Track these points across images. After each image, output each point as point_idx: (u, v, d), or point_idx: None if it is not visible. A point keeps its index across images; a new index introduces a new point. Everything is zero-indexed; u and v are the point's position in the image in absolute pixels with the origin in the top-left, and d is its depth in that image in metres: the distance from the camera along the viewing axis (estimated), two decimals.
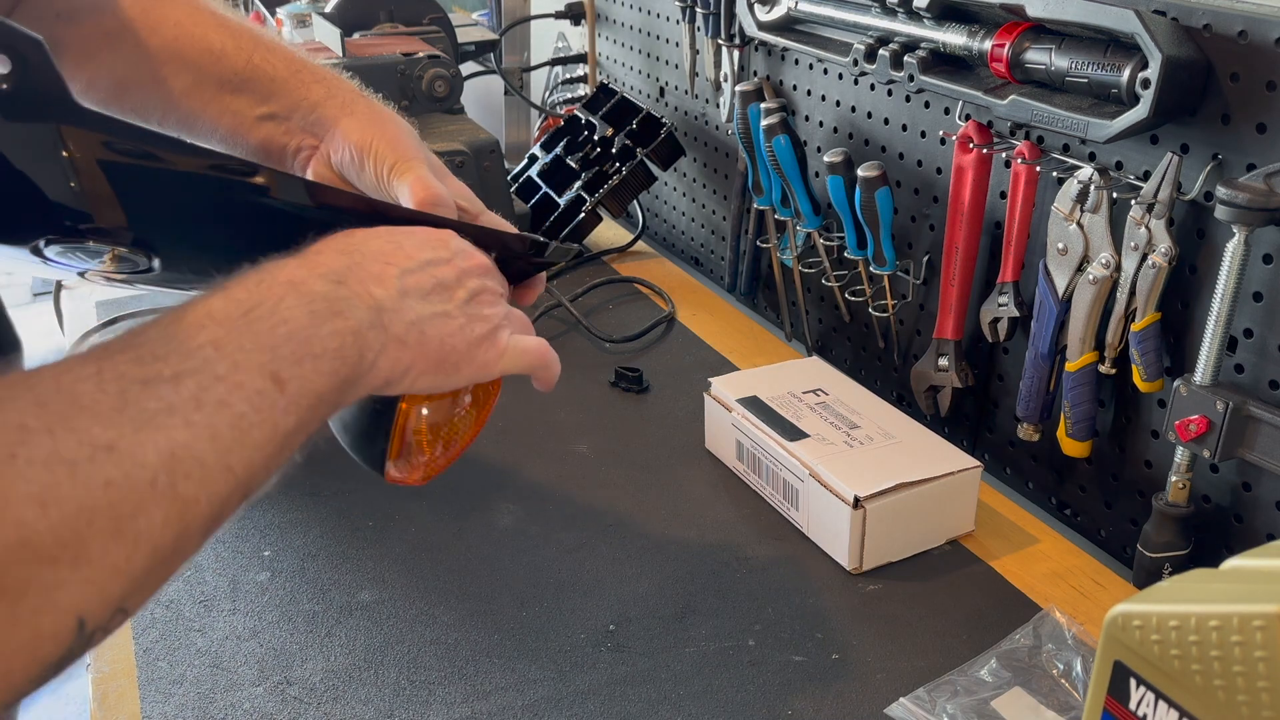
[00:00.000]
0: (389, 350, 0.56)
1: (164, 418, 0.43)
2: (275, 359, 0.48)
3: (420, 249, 0.60)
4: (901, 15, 0.97)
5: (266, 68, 0.72)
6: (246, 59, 0.71)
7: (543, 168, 1.54)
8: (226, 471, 0.45)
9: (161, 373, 0.44)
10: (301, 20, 1.73)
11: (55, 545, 0.38)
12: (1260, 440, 0.77)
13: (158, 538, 0.42)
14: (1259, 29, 0.74)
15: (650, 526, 0.94)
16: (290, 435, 0.49)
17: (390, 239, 0.59)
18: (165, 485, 0.42)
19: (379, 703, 0.75)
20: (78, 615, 0.39)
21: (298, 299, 0.51)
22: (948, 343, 1.05)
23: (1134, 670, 0.52)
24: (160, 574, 0.43)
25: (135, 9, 0.70)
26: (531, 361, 0.64)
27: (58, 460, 0.39)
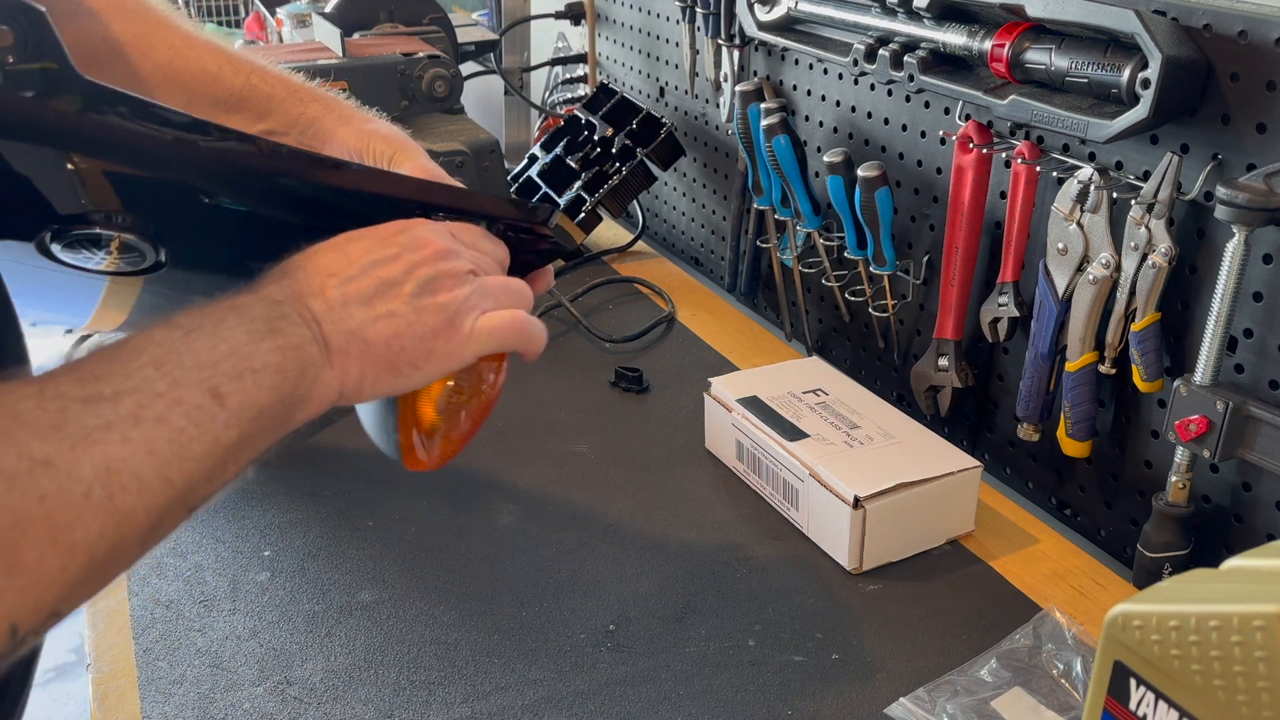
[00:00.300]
0: (334, 362, 0.56)
1: (101, 433, 0.44)
2: (214, 375, 0.49)
3: (367, 252, 0.59)
4: (901, 15, 0.97)
5: (264, 88, 0.72)
6: (244, 80, 0.72)
7: (543, 168, 1.54)
8: (165, 484, 0.46)
9: (101, 391, 0.45)
10: (301, 20, 1.73)
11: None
12: (1260, 440, 0.77)
13: (94, 547, 0.43)
14: (1259, 29, 0.74)
15: (650, 526, 0.94)
16: (233, 449, 0.50)
17: (337, 248, 0.59)
18: (101, 498, 0.43)
19: (379, 703, 0.75)
20: (10, 622, 0.40)
21: (237, 319, 0.52)
22: (948, 343, 1.05)
23: (1134, 670, 0.52)
24: (96, 581, 0.44)
25: (126, 33, 0.70)
26: (504, 338, 0.62)
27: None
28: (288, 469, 1.02)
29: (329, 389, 0.56)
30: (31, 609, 0.41)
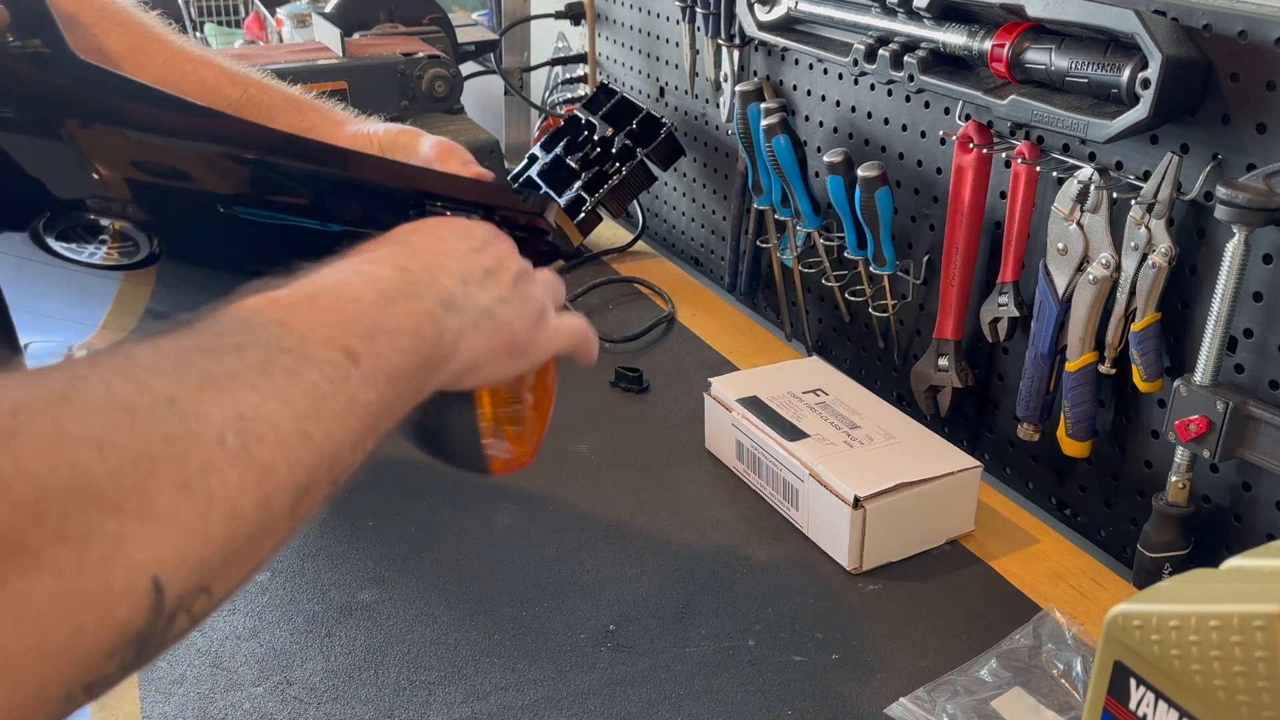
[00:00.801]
0: (466, 336, 0.55)
1: (228, 380, 0.40)
2: (345, 334, 0.46)
3: (458, 240, 0.59)
4: (901, 15, 0.97)
5: (261, 98, 0.72)
6: (241, 91, 0.71)
7: (543, 168, 1.54)
8: (305, 439, 0.41)
9: (223, 343, 0.41)
10: (301, 20, 1.73)
11: (116, 492, 0.34)
12: (1260, 440, 0.77)
13: (234, 500, 0.38)
14: (1259, 29, 0.74)
15: (650, 526, 0.94)
16: (372, 411, 0.46)
17: (428, 232, 0.58)
18: (235, 445, 0.38)
19: (379, 703, 0.75)
20: (152, 574, 0.35)
21: (364, 282, 0.50)
22: (948, 343, 1.05)
23: (1134, 670, 0.52)
24: (247, 551, 0.39)
25: (121, 47, 0.70)
26: (577, 339, 0.65)
27: (114, 406, 0.35)
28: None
29: (461, 361, 0.55)
30: (174, 563, 0.35)
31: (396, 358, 0.49)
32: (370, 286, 0.50)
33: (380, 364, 0.47)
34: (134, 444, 0.35)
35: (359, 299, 0.49)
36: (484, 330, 0.56)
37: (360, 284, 0.50)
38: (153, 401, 0.36)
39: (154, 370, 0.38)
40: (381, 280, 0.51)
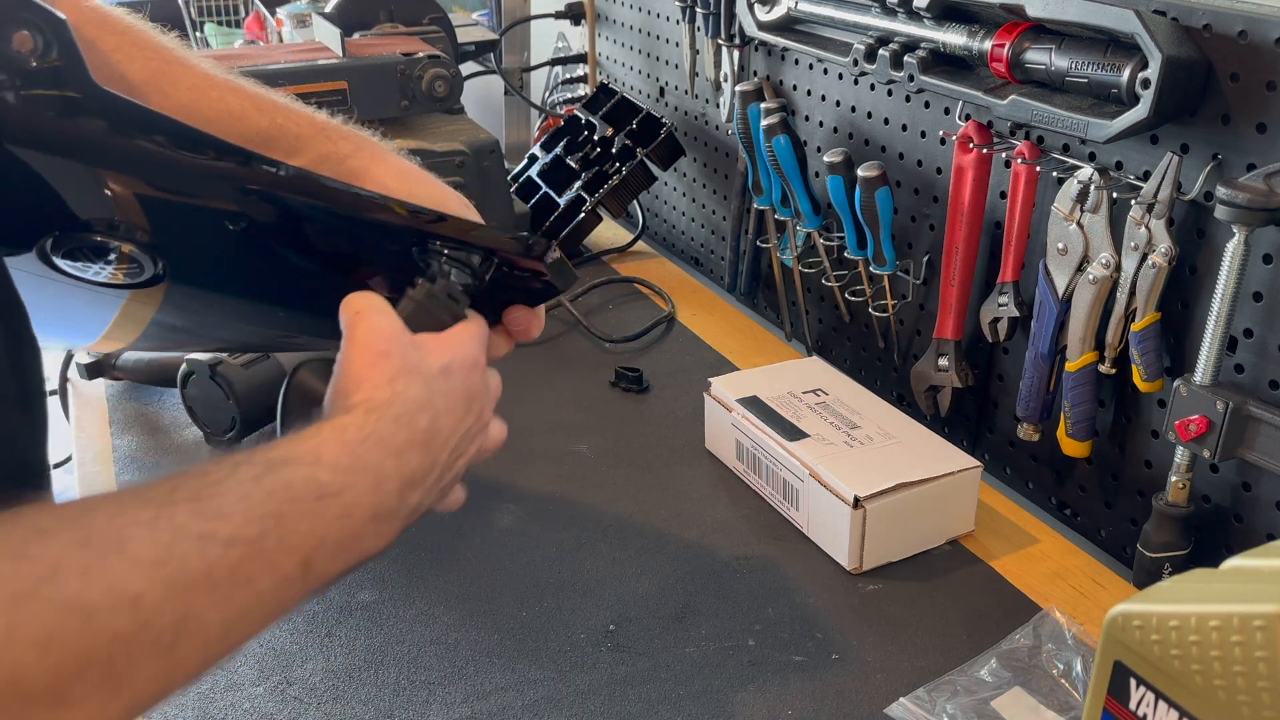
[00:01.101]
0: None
1: (200, 582, 0.43)
2: (311, 544, 0.49)
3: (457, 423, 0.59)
4: (901, 15, 0.97)
5: (291, 126, 0.70)
6: (269, 120, 0.70)
7: (543, 168, 1.54)
8: (224, 640, 0.45)
9: (217, 532, 0.44)
10: (301, 20, 1.73)
11: (43, 690, 0.38)
12: (1260, 440, 0.77)
13: (141, 690, 0.41)
14: (1259, 29, 0.74)
15: (650, 526, 0.94)
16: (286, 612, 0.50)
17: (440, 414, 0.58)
18: (169, 645, 0.42)
19: (379, 703, 0.75)
20: None
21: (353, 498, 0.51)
22: (948, 343, 1.05)
23: (1134, 670, 0.52)
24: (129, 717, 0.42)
25: (144, 73, 0.68)
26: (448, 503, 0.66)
27: (77, 607, 0.39)
28: None
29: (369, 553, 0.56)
30: None
31: (337, 568, 0.51)
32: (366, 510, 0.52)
33: (325, 575, 0.50)
34: (80, 645, 0.38)
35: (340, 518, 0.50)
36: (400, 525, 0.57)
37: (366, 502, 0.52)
38: (116, 601, 0.40)
39: (134, 562, 0.41)
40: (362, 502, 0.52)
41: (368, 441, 0.53)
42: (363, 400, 0.54)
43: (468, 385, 0.61)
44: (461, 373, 0.60)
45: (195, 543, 0.43)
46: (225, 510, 0.45)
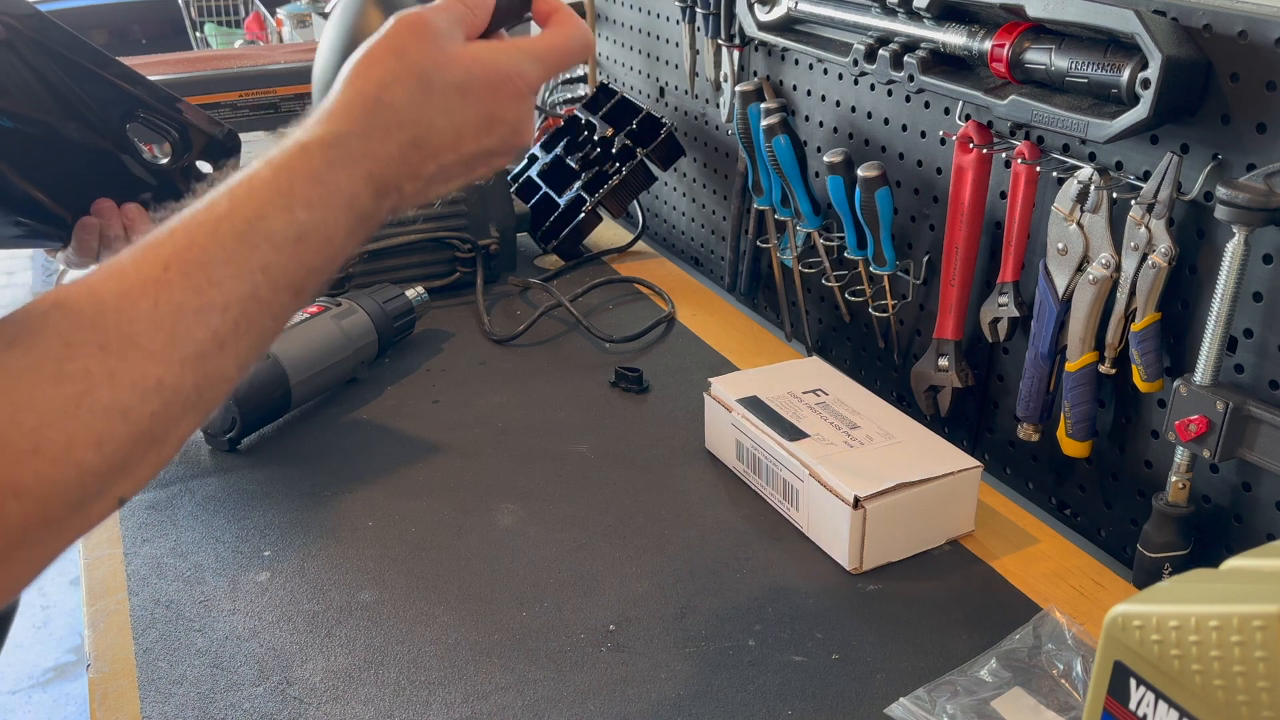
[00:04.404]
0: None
1: (209, 349, 0.49)
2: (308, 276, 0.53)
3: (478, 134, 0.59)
4: (901, 15, 0.97)
5: None
6: None
7: (543, 168, 1.54)
8: (245, 369, 0.52)
9: (214, 302, 0.49)
10: (301, 20, 1.73)
11: (109, 472, 0.46)
12: (1260, 440, 0.77)
13: (184, 433, 0.50)
14: (1259, 29, 0.74)
15: (650, 526, 0.94)
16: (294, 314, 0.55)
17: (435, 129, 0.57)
18: (196, 400, 0.49)
19: (379, 703, 0.75)
20: (119, 497, 0.48)
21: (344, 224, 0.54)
22: (948, 343, 1.05)
23: (1134, 670, 0.52)
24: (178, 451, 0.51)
25: None
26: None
27: (115, 408, 0.46)
28: (288, 469, 1.02)
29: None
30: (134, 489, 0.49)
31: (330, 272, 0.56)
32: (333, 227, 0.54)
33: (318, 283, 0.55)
34: (127, 434, 0.47)
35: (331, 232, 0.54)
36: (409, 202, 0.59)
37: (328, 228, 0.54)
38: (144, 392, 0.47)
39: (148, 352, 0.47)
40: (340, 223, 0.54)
41: (335, 166, 0.54)
42: (343, 104, 0.55)
43: (491, 109, 0.59)
44: (487, 92, 0.58)
45: (195, 317, 0.49)
46: (216, 277, 0.49)
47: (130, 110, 0.84)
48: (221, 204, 0.51)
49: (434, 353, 1.24)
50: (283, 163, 0.53)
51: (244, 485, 0.99)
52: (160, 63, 1.27)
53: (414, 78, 0.56)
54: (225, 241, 0.50)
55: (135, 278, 0.48)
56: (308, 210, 0.53)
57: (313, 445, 1.06)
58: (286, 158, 0.53)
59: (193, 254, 0.49)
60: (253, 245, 0.51)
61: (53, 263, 2.15)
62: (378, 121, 0.55)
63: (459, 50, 0.58)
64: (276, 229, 0.52)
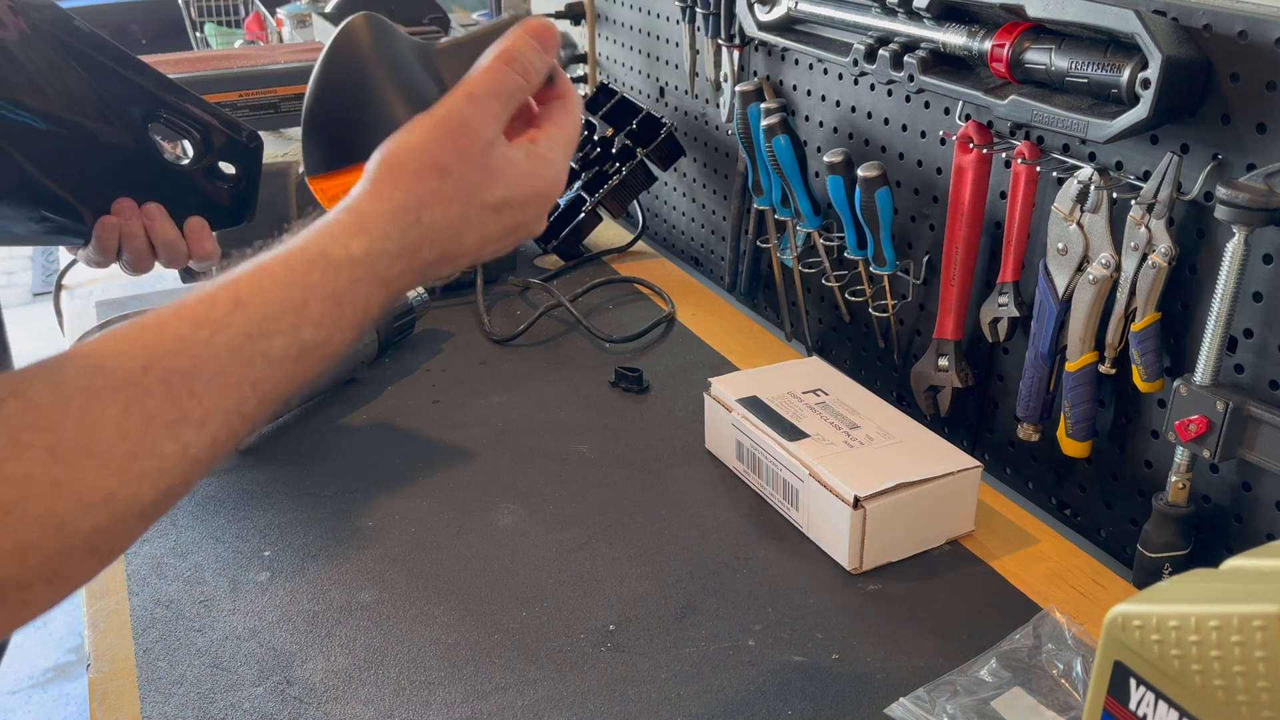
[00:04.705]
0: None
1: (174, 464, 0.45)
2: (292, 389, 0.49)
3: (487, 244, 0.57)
4: (901, 15, 0.97)
5: None
6: None
7: None
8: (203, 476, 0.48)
9: (190, 414, 0.45)
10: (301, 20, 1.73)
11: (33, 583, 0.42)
12: (1260, 440, 0.77)
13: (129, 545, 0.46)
14: (1259, 29, 0.74)
15: (650, 526, 0.94)
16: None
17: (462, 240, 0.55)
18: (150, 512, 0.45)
19: (379, 703, 0.75)
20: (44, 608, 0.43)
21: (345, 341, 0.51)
22: (948, 343, 1.05)
23: (1134, 670, 0.52)
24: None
25: None
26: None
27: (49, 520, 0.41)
28: (288, 469, 1.02)
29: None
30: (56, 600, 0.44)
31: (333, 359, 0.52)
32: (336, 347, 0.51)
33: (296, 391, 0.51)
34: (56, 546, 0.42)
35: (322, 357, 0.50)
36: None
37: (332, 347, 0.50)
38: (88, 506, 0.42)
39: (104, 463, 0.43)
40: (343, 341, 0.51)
41: (360, 284, 0.51)
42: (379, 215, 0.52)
43: (520, 220, 0.57)
44: (520, 209, 0.57)
45: (166, 430, 0.44)
46: (199, 389, 0.45)
47: (152, 110, 0.85)
48: (223, 307, 0.47)
49: (434, 353, 1.24)
50: (302, 274, 0.49)
51: (244, 485, 0.99)
52: (160, 63, 1.27)
53: (456, 201, 0.54)
54: (219, 354, 0.46)
55: (110, 374, 0.43)
56: (315, 330, 0.49)
57: (313, 445, 1.06)
58: (307, 269, 0.49)
59: (179, 362, 0.45)
60: (247, 360, 0.47)
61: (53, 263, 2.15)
62: (412, 239, 0.53)
63: (502, 165, 0.55)
64: (277, 347, 0.48)
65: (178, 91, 0.86)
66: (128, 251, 0.87)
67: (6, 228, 0.83)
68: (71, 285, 1.42)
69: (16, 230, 0.84)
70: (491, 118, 0.55)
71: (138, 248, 0.87)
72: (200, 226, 0.89)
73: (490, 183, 0.55)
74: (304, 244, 0.50)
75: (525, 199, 0.57)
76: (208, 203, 0.89)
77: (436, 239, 0.53)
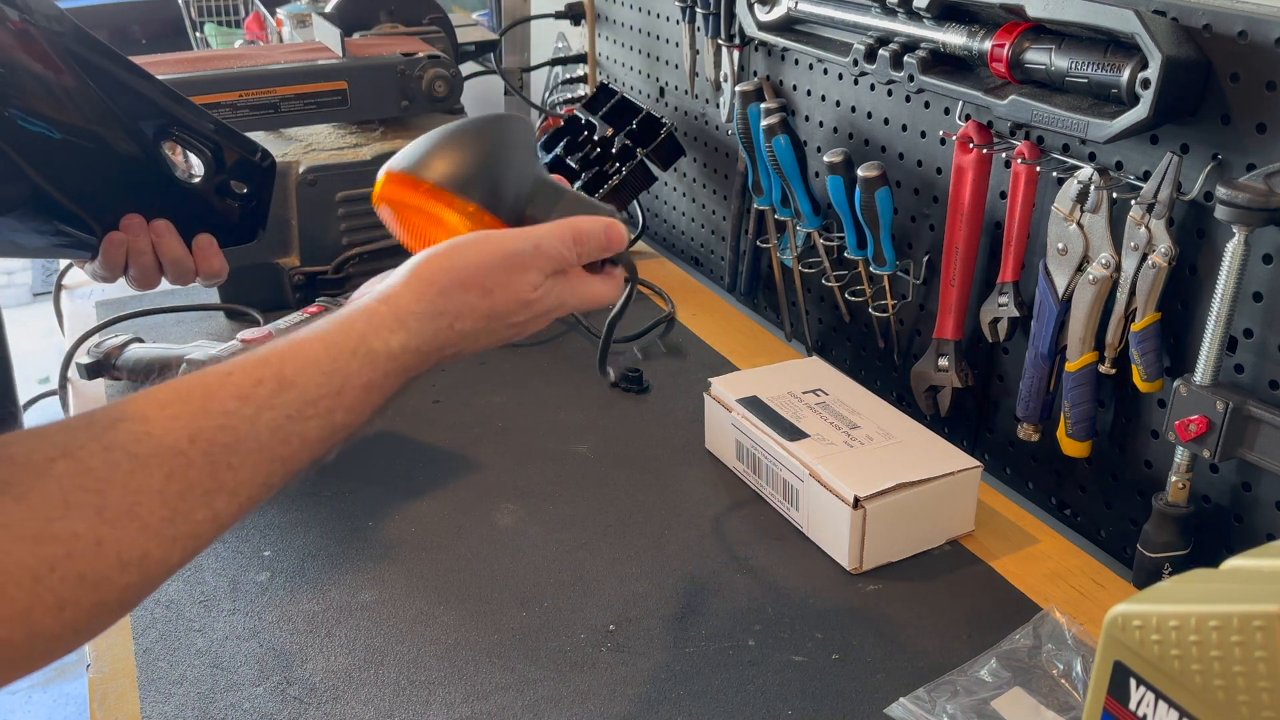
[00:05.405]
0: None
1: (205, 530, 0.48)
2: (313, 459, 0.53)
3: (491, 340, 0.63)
4: (901, 15, 0.97)
5: None
6: None
7: None
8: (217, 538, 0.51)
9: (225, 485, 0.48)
10: (301, 20, 1.73)
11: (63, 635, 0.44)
12: (1260, 440, 0.77)
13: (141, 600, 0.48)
14: (1259, 29, 0.74)
15: (650, 526, 0.94)
16: None
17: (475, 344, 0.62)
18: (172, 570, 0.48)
19: (379, 703, 0.75)
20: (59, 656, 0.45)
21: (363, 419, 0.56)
22: (948, 343, 1.05)
23: (1134, 670, 0.52)
24: None
25: None
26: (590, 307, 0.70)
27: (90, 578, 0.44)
28: None
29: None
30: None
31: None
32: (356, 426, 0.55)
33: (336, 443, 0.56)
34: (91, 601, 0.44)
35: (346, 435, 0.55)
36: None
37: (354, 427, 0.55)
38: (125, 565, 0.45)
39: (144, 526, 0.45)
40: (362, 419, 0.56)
41: (392, 377, 0.56)
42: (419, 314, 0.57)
43: (524, 328, 0.64)
44: (528, 323, 0.64)
45: (202, 498, 0.47)
46: (237, 463, 0.49)
47: (166, 127, 0.85)
48: (268, 385, 0.51)
49: None
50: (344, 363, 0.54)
51: None
52: (160, 63, 1.27)
53: (486, 317, 0.61)
54: (260, 432, 0.50)
55: (156, 443, 0.47)
56: (346, 414, 0.54)
57: None
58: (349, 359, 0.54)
59: (223, 437, 0.48)
60: (284, 439, 0.51)
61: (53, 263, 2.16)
62: (441, 341, 0.59)
63: (531, 295, 0.63)
64: (312, 429, 0.52)
65: (192, 109, 0.86)
66: (134, 268, 0.87)
67: (16, 239, 0.84)
68: (71, 285, 1.42)
69: (26, 242, 0.84)
70: (542, 270, 0.63)
71: (145, 264, 0.87)
72: (209, 244, 0.89)
73: (519, 308, 0.62)
74: (346, 330, 0.55)
75: (539, 316, 0.65)
76: (218, 220, 0.90)
77: (459, 342, 0.60)
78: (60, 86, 0.77)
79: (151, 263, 0.87)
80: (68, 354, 1.18)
